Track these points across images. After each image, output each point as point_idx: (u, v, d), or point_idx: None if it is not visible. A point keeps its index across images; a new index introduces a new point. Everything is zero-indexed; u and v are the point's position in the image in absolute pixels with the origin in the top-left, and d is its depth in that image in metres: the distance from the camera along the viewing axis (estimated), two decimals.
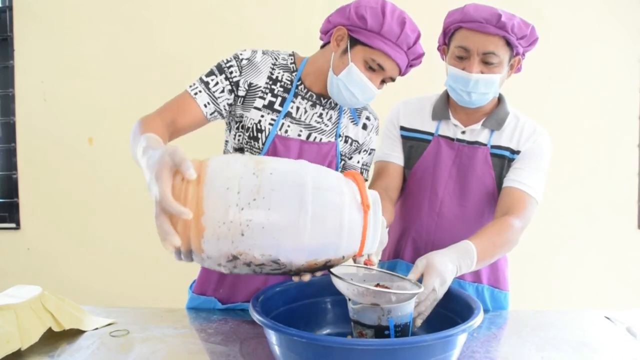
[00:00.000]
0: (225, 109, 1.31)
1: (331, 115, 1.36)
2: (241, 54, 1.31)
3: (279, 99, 1.32)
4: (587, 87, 2.54)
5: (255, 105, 1.31)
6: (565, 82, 2.52)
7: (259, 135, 1.31)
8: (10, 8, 2.59)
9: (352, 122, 1.40)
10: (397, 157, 1.49)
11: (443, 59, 1.44)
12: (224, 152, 1.41)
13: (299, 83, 1.33)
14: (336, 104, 1.37)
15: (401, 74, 1.29)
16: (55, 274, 2.61)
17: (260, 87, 1.31)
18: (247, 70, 1.30)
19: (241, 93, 1.30)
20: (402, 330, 1.00)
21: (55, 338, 1.17)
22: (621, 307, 1.49)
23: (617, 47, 2.52)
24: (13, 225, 2.67)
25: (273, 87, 1.32)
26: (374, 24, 1.19)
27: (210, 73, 1.30)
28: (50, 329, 1.15)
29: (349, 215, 0.86)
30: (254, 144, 1.32)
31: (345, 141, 1.39)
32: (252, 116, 1.31)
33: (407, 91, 1.60)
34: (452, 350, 0.93)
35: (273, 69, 1.33)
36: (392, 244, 1.54)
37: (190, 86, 1.29)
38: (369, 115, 1.43)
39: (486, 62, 1.30)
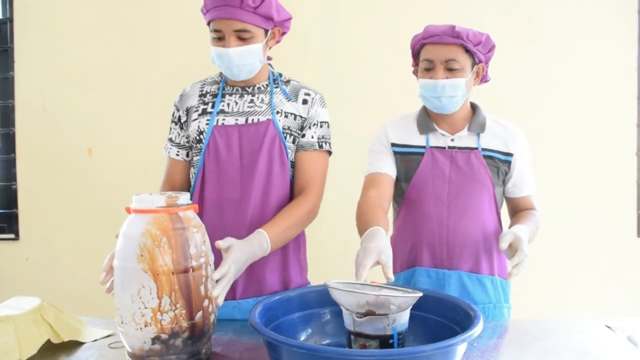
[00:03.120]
0: (189, 145, 1.51)
1: (262, 98, 1.47)
2: (176, 98, 1.54)
3: (210, 104, 1.48)
4: (586, 95, 2.54)
5: (192, 119, 1.48)
6: (563, 90, 2.53)
7: (201, 137, 1.45)
8: (11, 20, 2.61)
9: (287, 100, 1.48)
10: (387, 168, 1.56)
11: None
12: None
13: (224, 85, 1.50)
14: (266, 87, 1.49)
15: (263, 19, 1.37)
16: (55, 285, 2.60)
17: (194, 105, 1.50)
18: (181, 102, 1.52)
19: (183, 119, 1.51)
20: (402, 338, 1.00)
21: (54, 350, 1.17)
22: (621, 315, 1.49)
23: (616, 55, 2.53)
24: (12, 235, 2.67)
25: (204, 99, 1.50)
26: (204, 6, 1.39)
27: (170, 130, 1.55)
28: (49, 341, 1.15)
29: None
30: (199, 146, 1.45)
31: (286, 116, 1.46)
32: (192, 128, 1.47)
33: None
34: None
35: (202, 88, 1.52)
36: (404, 255, 1.57)
37: (165, 147, 1.56)
38: (308, 92, 1.50)
39: (449, 69, 1.47)
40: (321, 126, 1.49)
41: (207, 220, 1.38)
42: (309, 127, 1.47)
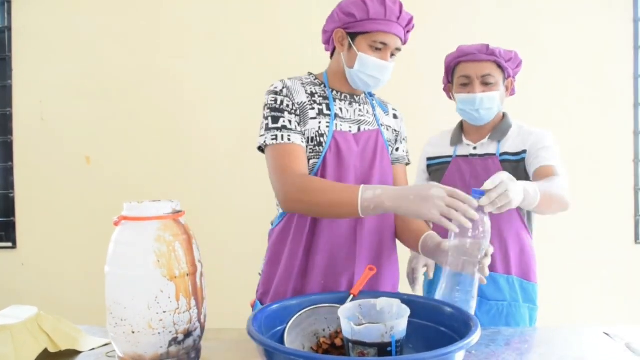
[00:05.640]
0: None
1: (367, 109, 1.51)
2: (276, 88, 1.41)
3: (324, 105, 1.44)
4: (582, 103, 2.56)
5: (310, 117, 1.41)
6: (560, 98, 2.55)
7: (321, 139, 1.39)
8: (9, 29, 2.62)
9: (384, 113, 1.54)
10: None
11: (449, 97, 1.77)
12: None
13: (330, 90, 1.47)
14: (365, 99, 1.52)
15: (404, 42, 1.44)
16: (52, 294, 2.60)
17: (305, 102, 1.42)
18: (291, 94, 1.40)
19: (299, 112, 1.40)
20: (401, 345, 1.00)
21: (51, 359, 1.16)
22: (619, 322, 1.48)
23: (612, 64, 2.55)
24: (9, 244, 2.66)
25: (313, 99, 1.43)
26: (362, 14, 1.35)
27: (275, 119, 1.37)
28: (46, 350, 1.15)
29: None
30: (318, 149, 1.39)
31: (387, 129, 1.52)
32: (310, 127, 1.40)
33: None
34: None
35: (304, 87, 1.45)
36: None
37: (274, 138, 1.36)
38: (394, 107, 1.59)
39: (485, 83, 1.62)
40: (406, 142, 1.59)
41: (324, 224, 1.38)
42: (401, 142, 1.56)
